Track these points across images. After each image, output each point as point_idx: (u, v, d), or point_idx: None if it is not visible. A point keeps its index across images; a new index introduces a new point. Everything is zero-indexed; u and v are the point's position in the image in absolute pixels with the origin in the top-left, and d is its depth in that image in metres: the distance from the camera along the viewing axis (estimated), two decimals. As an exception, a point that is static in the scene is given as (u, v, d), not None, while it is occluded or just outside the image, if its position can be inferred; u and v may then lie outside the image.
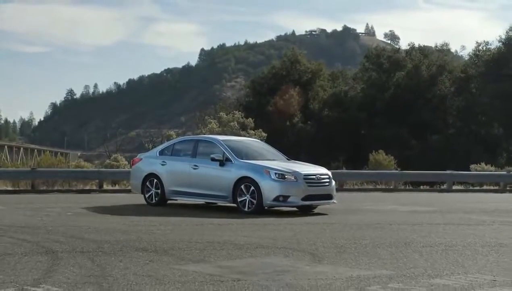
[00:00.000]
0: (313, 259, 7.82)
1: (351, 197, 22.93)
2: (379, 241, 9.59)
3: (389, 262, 7.64)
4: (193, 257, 7.80)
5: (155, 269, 6.93)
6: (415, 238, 10.05)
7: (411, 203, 19.46)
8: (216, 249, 8.42)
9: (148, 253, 8.02)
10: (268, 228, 11.22)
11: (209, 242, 9.08)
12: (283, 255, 8.05)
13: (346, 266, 7.34)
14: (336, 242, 9.40)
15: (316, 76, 58.33)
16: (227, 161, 15.16)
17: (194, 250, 8.29)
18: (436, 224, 12.59)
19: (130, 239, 9.35)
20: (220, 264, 7.28)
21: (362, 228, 11.41)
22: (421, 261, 7.77)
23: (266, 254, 8.11)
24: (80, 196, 20.87)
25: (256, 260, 7.67)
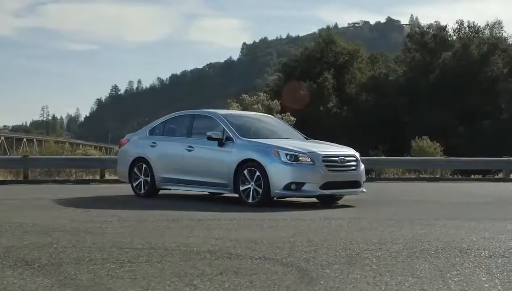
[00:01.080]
0: (300, 280, 4.57)
1: (389, 186, 19.69)
2: (418, 245, 6.28)
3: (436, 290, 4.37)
4: (89, 279, 4.60)
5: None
6: (475, 241, 6.72)
7: (462, 194, 16.09)
8: (151, 261, 5.23)
9: (29, 268, 4.87)
10: (262, 226, 7.99)
11: (155, 248, 5.92)
12: (250, 273, 4.80)
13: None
14: (351, 247, 6.13)
15: (354, 58, 54.05)
16: (227, 140, 11.99)
17: (116, 262, 5.12)
18: (500, 219, 9.20)
19: (45, 242, 6.26)
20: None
21: (395, 225, 8.12)
22: (492, 286, 4.46)
23: (222, 271, 4.86)
24: (72, 187, 18.00)
25: (193, 286, 4.43)
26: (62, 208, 10.65)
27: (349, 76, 52.90)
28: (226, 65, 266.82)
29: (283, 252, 5.82)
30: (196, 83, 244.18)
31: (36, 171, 23.21)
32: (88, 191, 15.55)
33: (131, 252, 5.65)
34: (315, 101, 47.91)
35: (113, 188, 17.10)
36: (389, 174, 26.88)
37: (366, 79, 53.45)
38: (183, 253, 5.63)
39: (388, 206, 11.64)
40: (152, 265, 5.02)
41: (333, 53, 54.07)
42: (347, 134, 44.45)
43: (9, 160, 22.02)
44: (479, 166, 27.46)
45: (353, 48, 55.53)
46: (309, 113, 44.52)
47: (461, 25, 57.07)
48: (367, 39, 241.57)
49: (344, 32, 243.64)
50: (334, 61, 53.27)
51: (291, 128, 14.03)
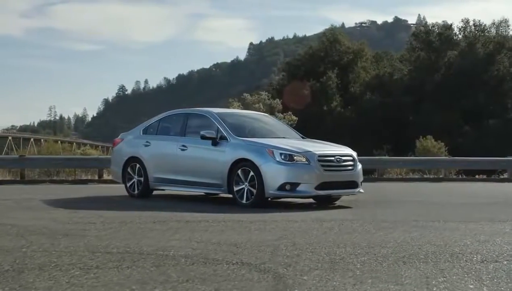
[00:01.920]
0: (273, 288, 4.27)
1: (391, 187, 19.34)
2: (408, 249, 5.97)
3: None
4: (46, 287, 4.31)
5: None
6: (469, 244, 6.40)
7: (464, 194, 15.76)
8: (120, 267, 4.93)
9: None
10: (250, 229, 7.68)
11: (130, 252, 5.62)
12: (219, 280, 4.49)
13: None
14: (336, 251, 5.82)
15: (358, 58, 53.46)
16: (222, 139, 11.68)
17: (83, 268, 4.83)
18: (499, 221, 8.87)
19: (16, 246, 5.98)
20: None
21: (389, 228, 7.80)
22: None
23: (190, 278, 4.56)
24: (68, 187, 17.73)
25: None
26: (50, 208, 10.37)
27: (353, 76, 52.37)
28: (233, 65, 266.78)
29: (264, 256, 5.52)
30: (202, 83, 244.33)
31: (36, 171, 23.00)
32: (83, 191, 15.29)
33: (103, 256, 5.36)
34: (318, 101, 47.41)
35: (110, 188, 16.85)
36: (392, 174, 26.54)
37: (370, 79, 52.86)
38: (157, 258, 5.33)
39: (386, 207, 11.32)
40: (120, 271, 4.73)
41: (338, 52, 53.54)
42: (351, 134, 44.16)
43: (5, 160, 21.75)
44: (483, 166, 27.04)
45: (357, 47, 54.96)
46: (312, 113, 44.08)
47: (467, 24, 56.44)
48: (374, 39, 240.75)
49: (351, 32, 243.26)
50: (339, 60, 52.75)
51: (288, 127, 13.74)
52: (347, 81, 51.32)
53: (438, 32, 55.82)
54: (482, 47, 53.08)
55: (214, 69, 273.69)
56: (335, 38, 54.36)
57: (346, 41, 55.24)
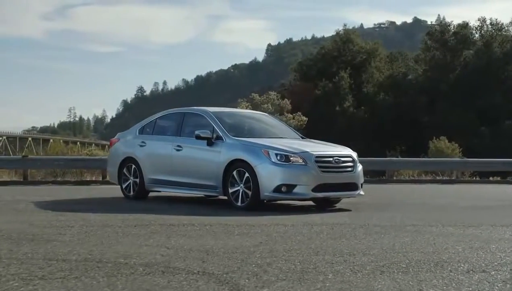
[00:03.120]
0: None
1: (399, 189, 18.82)
2: (392, 257, 5.53)
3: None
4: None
5: None
6: (460, 251, 5.95)
7: (474, 197, 15.26)
8: (68, 277, 4.55)
9: None
10: (232, 233, 7.28)
11: (89, 260, 5.25)
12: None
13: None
14: (313, 259, 5.41)
15: (372, 57, 52.69)
16: (217, 139, 11.27)
17: (25, 278, 4.46)
18: (501, 226, 8.38)
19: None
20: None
21: (381, 233, 7.36)
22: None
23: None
24: (69, 188, 17.44)
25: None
26: (36, 211, 10.03)
27: (366, 76, 51.61)
28: (251, 66, 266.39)
29: (233, 264, 5.11)
30: (220, 84, 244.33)
31: (41, 172, 22.76)
32: (82, 192, 14.98)
33: (56, 265, 4.98)
34: (330, 101, 46.75)
35: (111, 189, 16.37)
36: (404, 175, 25.99)
37: (384, 79, 52.04)
38: (114, 266, 4.94)
39: (387, 210, 10.87)
40: (64, 282, 4.35)
41: (351, 52, 52.84)
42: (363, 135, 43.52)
43: (8, 161, 21.55)
44: (497, 167, 26.34)
45: (371, 47, 54.19)
46: (324, 113, 43.47)
47: (483, 23, 55.45)
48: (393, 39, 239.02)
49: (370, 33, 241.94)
50: (352, 60, 52.05)
51: (288, 127, 13.31)
52: (360, 82, 50.59)
53: (454, 31, 54.89)
54: (499, 47, 52.11)
55: (232, 70, 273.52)
56: (348, 38, 53.63)
57: (360, 41, 54.45)
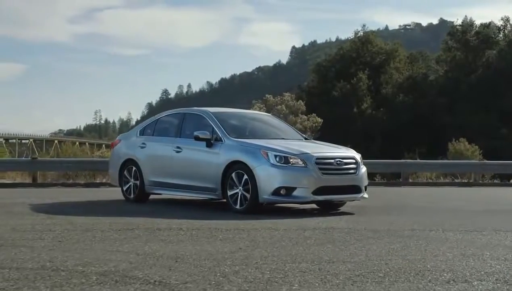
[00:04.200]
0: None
1: (413, 191, 18.33)
2: (372, 266, 5.16)
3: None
4: None
5: None
6: (449, 259, 5.57)
7: (488, 200, 14.79)
8: (10, 288, 4.25)
9: None
10: (216, 238, 6.96)
11: (46, 268, 4.96)
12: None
13: None
14: (285, 267, 5.07)
15: (391, 58, 51.90)
16: (217, 141, 10.94)
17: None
18: (505, 231, 7.96)
19: None
20: None
21: (373, 238, 7.01)
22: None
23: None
24: (77, 191, 17.25)
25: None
26: (29, 213, 9.80)
27: (385, 77, 50.81)
28: (275, 68, 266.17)
29: (198, 273, 4.79)
30: (244, 87, 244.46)
31: (55, 173, 22.65)
32: (86, 195, 14.73)
33: (6, 273, 4.70)
34: (348, 102, 46.11)
35: (117, 192, 16.20)
36: (422, 178, 25.46)
37: (403, 80, 51.20)
38: (67, 275, 4.65)
39: (392, 213, 10.48)
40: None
41: (370, 53, 52.14)
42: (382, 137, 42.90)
43: (17, 163, 21.42)
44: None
45: (390, 48, 53.40)
46: (342, 115, 42.87)
47: (507, 22, 54.34)
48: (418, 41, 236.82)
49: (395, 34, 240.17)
50: (371, 61, 51.33)
51: (291, 128, 12.94)
52: (379, 83, 49.84)
53: (476, 31, 53.90)
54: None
55: (256, 72, 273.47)
56: (367, 39, 52.94)
57: (378, 42, 53.71)
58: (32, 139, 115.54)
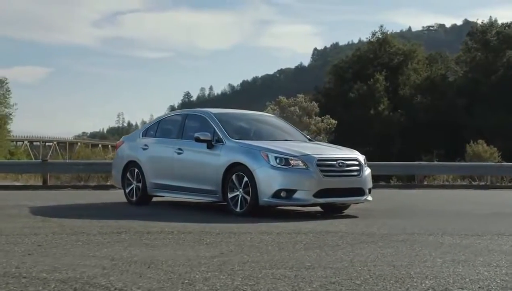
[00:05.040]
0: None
1: (425, 194, 17.98)
2: (353, 272, 4.91)
3: None
4: None
5: None
6: (437, 265, 5.29)
7: (500, 203, 14.45)
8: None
9: None
10: (200, 243, 6.76)
11: (6, 276, 4.75)
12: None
13: None
14: (259, 274, 4.84)
15: (409, 59, 51.20)
16: (218, 142, 10.73)
17: None
18: (507, 235, 7.65)
19: None
20: None
21: (365, 242, 6.76)
22: None
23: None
24: (85, 193, 17.18)
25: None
26: (25, 216, 9.66)
27: (403, 78, 50.13)
28: (297, 70, 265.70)
29: (167, 280, 4.60)
30: (266, 89, 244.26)
31: (68, 176, 22.63)
32: (92, 197, 14.63)
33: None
34: (365, 104, 45.54)
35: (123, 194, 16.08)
36: (439, 180, 25.06)
37: (421, 81, 50.45)
38: (26, 283, 4.47)
39: (397, 217, 10.20)
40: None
41: (387, 54, 51.50)
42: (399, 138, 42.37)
43: (28, 165, 21.39)
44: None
45: (408, 48, 52.71)
46: (358, 116, 42.37)
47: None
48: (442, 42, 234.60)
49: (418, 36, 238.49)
50: (388, 62, 50.70)
51: (295, 129, 12.69)
52: (397, 84, 49.19)
53: (497, 30, 53.02)
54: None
55: (278, 75, 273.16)
56: (385, 40, 52.31)
57: (396, 43, 53.03)
58: (56, 141, 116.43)
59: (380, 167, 21.52)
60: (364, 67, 49.49)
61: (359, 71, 49.28)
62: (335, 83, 51.00)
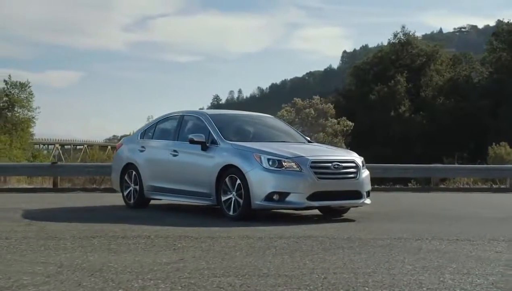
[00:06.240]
0: None
1: (436, 197, 17.49)
2: (313, 278, 4.61)
3: None
4: None
5: None
6: (404, 272, 4.95)
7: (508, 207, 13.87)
8: None
9: None
10: (168, 247, 6.51)
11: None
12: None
13: None
14: (215, 280, 4.56)
15: (432, 60, 50.24)
16: (212, 144, 10.45)
17: None
18: (498, 241, 7.25)
19: None
20: None
21: (347, 248, 6.45)
22: None
23: None
24: (92, 196, 17.03)
25: None
26: (16, 220, 9.47)
27: (425, 79, 49.21)
28: (326, 73, 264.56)
29: (103, 289, 4.29)
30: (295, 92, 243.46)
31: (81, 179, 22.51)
32: (94, 200, 14.44)
33: None
34: (385, 106, 44.79)
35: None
36: (459, 183, 24.45)
37: (444, 82, 49.45)
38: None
39: (393, 221, 9.84)
40: None
41: (410, 55, 50.64)
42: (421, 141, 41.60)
43: (38, 167, 21.32)
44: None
45: (431, 49, 51.76)
46: (378, 119, 41.67)
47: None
48: (474, 44, 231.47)
49: (450, 37, 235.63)
50: (410, 64, 49.83)
51: (295, 131, 12.36)
52: (419, 86, 48.31)
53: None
54: None
55: (307, 77, 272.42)
56: (408, 40, 51.45)
57: (419, 43, 52.09)
58: (86, 145, 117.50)
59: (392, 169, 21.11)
60: (385, 69, 48.71)
61: (380, 73, 48.51)
62: (356, 85, 50.30)
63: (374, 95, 45.99)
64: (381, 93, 45.59)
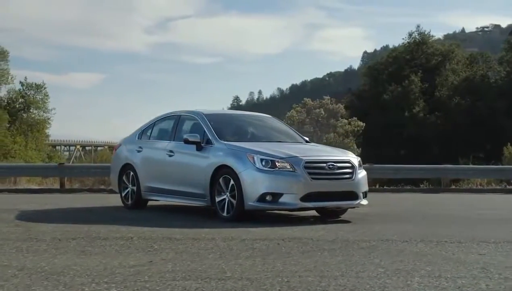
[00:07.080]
0: None
1: (443, 199, 17.23)
2: (271, 283, 4.49)
3: None
4: None
5: None
6: (372, 276, 4.78)
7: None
8: None
9: None
10: (148, 248, 6.41)
11: None
12: None
13: None
14: (162, 286, 4.40)
15: (448, 60, 49.59)
16: (207, 144, 10.32)
17: None
18: (488, 243, 7.03)
19: None
20: None
21: (329, 250, 6.28)
22: None
23: None
24: (97, 196, 17.00)
25: None
26: (4, 220, 9.40)
27: (441, 79, 48.57)
28: (346, 74, 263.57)
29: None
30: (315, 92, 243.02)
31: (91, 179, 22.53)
32: (95, 201, 14.39)
33: None
34: (399, 106, 44.28)
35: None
36: (472, 184, 24.08)
37: (459, 82, 48.75)
38: None
39: (389, 222, 9.65)
40: None
41: (425, 54, 50.03)
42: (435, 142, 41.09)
43: (44, 168, 21.34)
44: None
45: (446, 48, 51.10)
46: (392, 119, 41.22)
47: None
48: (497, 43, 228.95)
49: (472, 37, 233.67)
50: (425, 63, 49.23)
51: (292, 131, 12.17)
52: (434, 85, 47.70)
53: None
54: None
55: (328, 78, 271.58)
56: (423, 39, 50.84)
57: (434, 43, 51.42)
58: (107, 146, 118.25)
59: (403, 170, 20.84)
60: (400, 68, 48.19)
61: (395, 73, 47.98)
62: (370, 85, 49.82)
63: (388, 95, 45.48)
64: (395, 93, 45.08)
